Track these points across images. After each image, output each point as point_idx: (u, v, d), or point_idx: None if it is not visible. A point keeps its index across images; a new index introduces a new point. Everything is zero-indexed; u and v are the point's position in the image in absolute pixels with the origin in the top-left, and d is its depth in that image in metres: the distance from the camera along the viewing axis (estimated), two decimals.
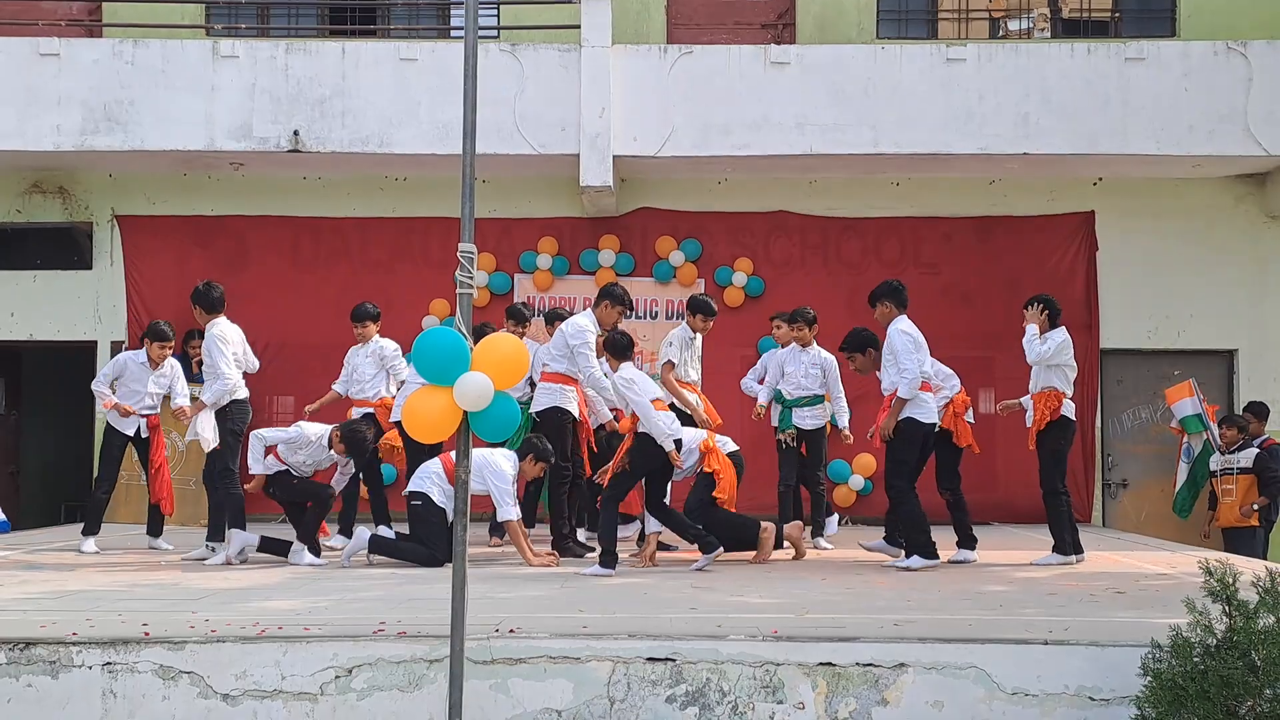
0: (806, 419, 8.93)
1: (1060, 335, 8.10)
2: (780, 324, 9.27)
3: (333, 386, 9.45)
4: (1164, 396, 11.20)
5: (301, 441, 8.23)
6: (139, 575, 7.42)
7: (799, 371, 8.94)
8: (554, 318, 9.09)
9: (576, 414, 8.40)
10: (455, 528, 4.78)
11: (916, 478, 7.95)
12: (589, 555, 8.19)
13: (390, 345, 9.20)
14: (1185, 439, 10.89)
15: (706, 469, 8.06)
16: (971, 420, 8.29)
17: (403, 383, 8.91)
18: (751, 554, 8.15)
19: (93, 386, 9.23)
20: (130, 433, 8.93)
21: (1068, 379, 8.08)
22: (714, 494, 7.98)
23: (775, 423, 9.05)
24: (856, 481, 11.45)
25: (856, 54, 11.20)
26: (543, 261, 11.81)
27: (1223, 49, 11.00)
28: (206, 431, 8.07)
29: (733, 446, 8.34)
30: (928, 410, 7.84)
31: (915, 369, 7.72)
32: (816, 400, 8.95)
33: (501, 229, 11.70)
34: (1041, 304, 8.22)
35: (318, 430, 8.29)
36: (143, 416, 8.94)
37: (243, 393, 8.18)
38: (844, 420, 9.09)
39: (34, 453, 13.35)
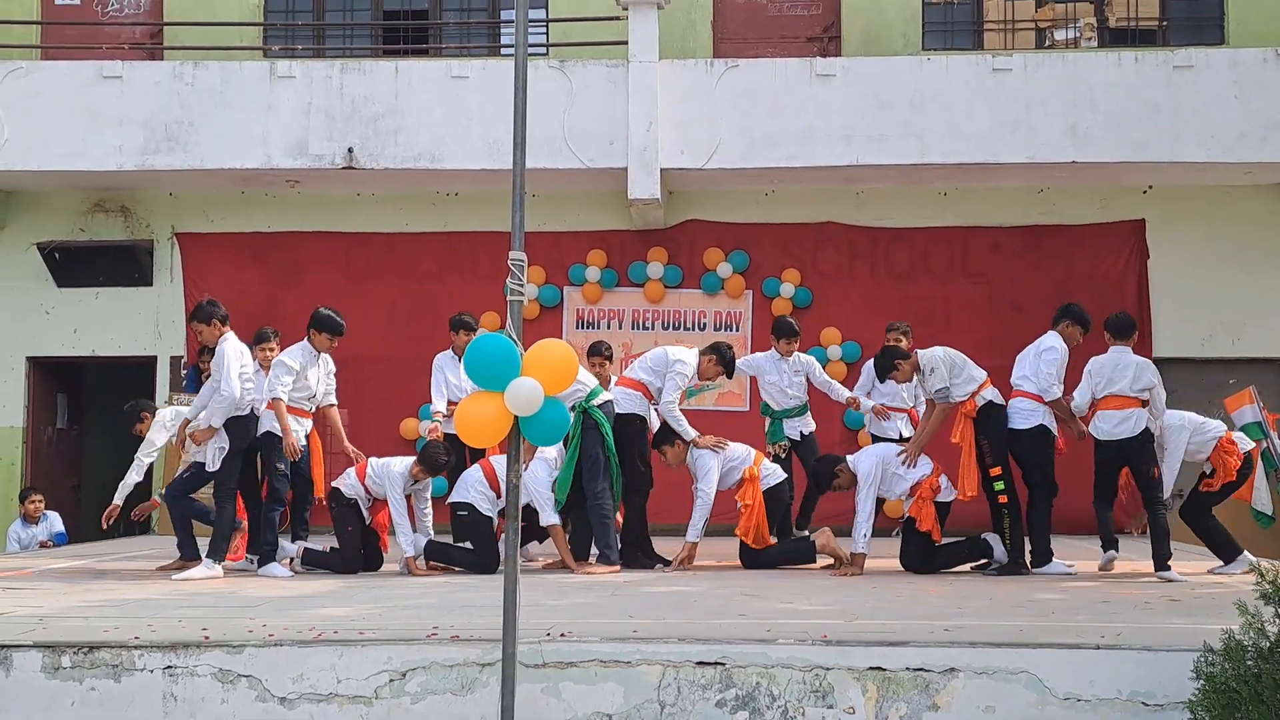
0: (797, 428, 8.98)
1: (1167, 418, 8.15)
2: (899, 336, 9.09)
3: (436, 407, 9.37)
4: (1223, 405, 11.06)
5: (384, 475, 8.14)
6: (197, 585, 7.54)
7: (782, 380, 8.96)
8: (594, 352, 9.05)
9: (648, 423, 8.47)
10: (507, 531, 4.86)
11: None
12: (659, 567, 8.23)
13: None
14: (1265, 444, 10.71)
15: (739, 497, 8.18)
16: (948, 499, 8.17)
17: None
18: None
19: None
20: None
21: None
22: (736, 531, 8.18)
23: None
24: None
25: (902, 65, 11.23)
26: (591, 274, 11.92)
27: (1272, 56, 10.93)
28: (215, 453, 8.06)
29: (780, 477, 8.39)
30: (1022, 416, 8.00)
31: (1043, 379, 7.99)
32: (804, 409, 9.01)
33: (551, 242, 11.82)
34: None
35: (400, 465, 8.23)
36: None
37: (244, 410, 8.03)
38: (843, 395, 9.17)
39: (95, 467, 13.63)
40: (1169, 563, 7.77)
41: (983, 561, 8.21)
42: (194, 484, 8.37)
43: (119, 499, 8.22)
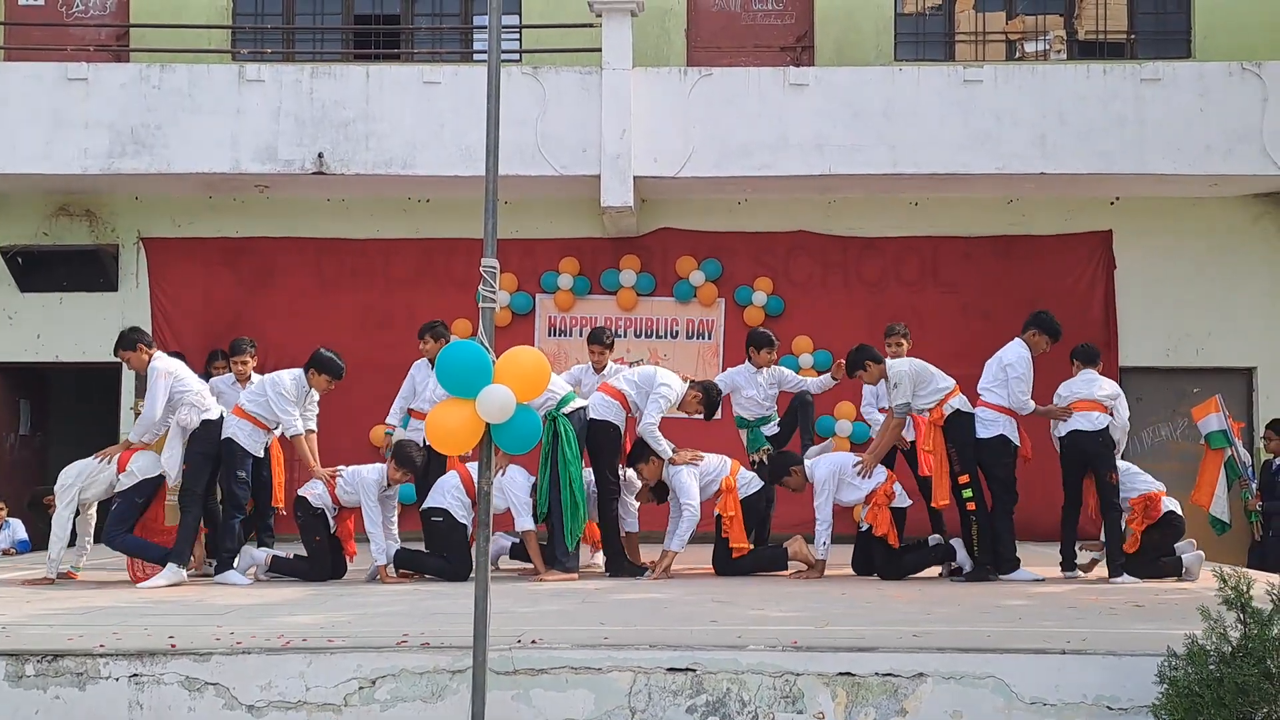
0: (771, 428, 9.09)
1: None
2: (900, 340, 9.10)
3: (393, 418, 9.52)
4: (1189, 414, 11.15)
5: (355, 481, 8.12)
6: (163, 592, 7.49)
7: (759, 394, 9.03)
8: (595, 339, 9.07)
9: (623, 432, 8.42)
10: (479, 538, 4.85)
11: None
12: (643, 578, 8.14)
13: None
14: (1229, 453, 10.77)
15: (719, 509, 8.21)
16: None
17: None
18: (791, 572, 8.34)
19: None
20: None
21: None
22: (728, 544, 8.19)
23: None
24: (844, 427, 11.42)
25: (875, 76, 11.30)
26: (564, 282, 11.91)
27: (1238, 69, 11.06)
28: (171, 464, 8.00)
29: (756, 486, 8.42)
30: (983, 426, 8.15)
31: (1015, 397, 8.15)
32: (773, 418, 9.12)
33: (523, 249, 11.80)
34: None
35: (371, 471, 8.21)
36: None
37: (214, 413, 8.07)
38: (818, 381, 9.22)
39: (59, 474, 13.46)
40: (1122, 567, 7.99)
41: (954, 568, 8.26)
42: (129, 513, 8.05)
43: (51, 574, 7.98)
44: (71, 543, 8.25)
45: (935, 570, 8.36)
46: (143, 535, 8.12)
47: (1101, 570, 8.39)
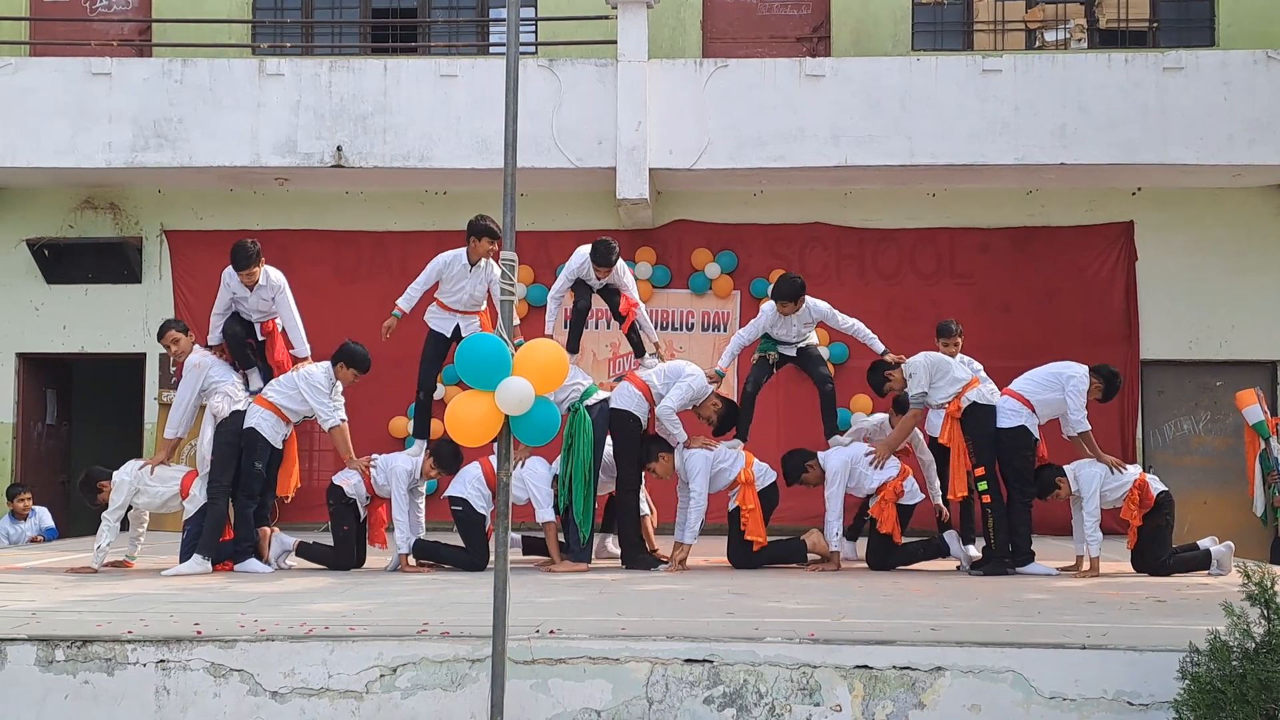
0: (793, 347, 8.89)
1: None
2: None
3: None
4: (1211, 408, 11.05)
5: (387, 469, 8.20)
6: (189, 580, 7.57)
7: (789, 334, 8.71)
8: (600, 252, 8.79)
9: (644, 424, 8.39)
10: (498, 529, 4.89)
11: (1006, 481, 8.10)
12: (660, 569, 8.14)
13: (497, 270, 8.52)
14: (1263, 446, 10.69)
15: (738, 502, 8.19)
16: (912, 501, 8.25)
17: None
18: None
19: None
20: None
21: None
22: (745, 536, 8.16)
23: None
24: (860, 419, 11.32)
25: (892, 66, 11.28)
26: None
27: (1262, 58, 10.99)
28: (204, 447, 8.15)
29: (771, 478, 8.40)
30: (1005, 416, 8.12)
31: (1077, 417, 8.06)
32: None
33: (539, 242, 11.82)
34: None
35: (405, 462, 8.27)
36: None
37: (243, 404, 8.19)
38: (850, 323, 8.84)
39: (84, 463, 13.55)
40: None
41: (974, 561, 8.25)
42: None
43: (96, 564, 8.03)
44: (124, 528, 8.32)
45: (953, 564, 8.35)
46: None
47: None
